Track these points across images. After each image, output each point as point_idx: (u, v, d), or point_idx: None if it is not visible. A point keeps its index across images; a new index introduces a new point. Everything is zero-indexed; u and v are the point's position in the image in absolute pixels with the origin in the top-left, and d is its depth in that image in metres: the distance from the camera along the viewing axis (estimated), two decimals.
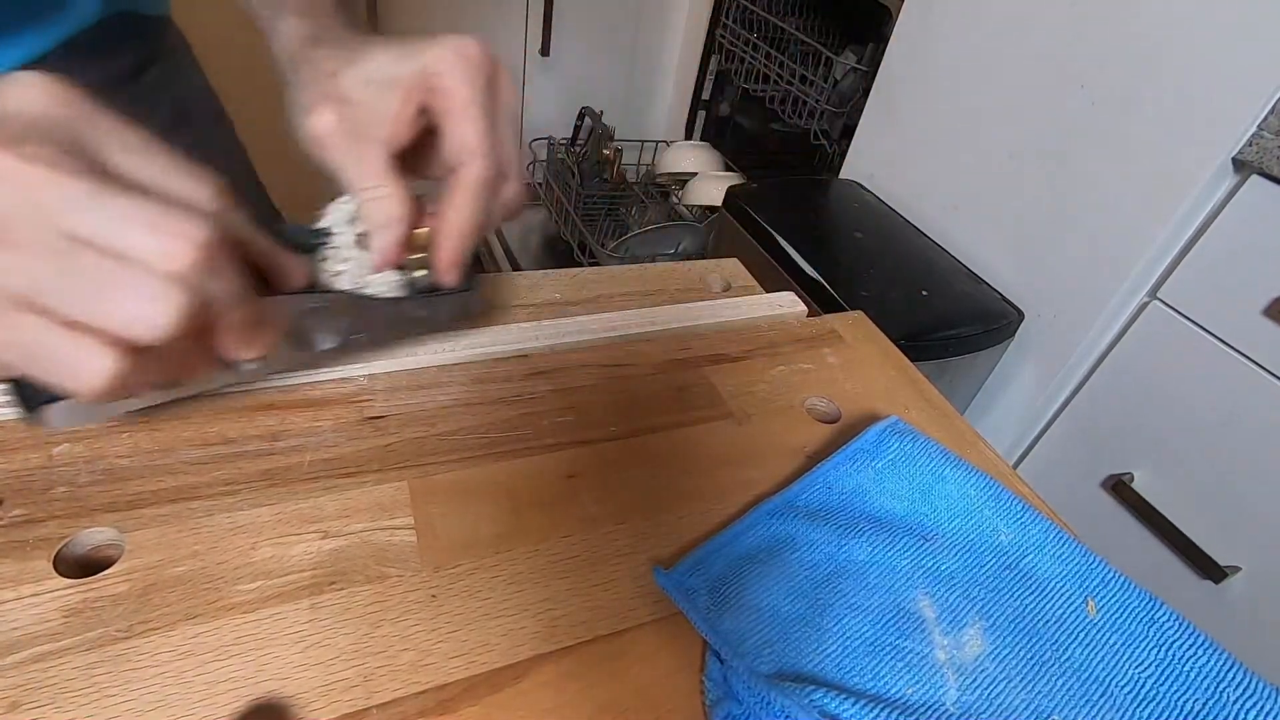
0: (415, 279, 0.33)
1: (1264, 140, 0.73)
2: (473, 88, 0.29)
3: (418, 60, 0.29)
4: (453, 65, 0.29)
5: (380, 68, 0.30)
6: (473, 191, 0.30)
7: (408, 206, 0.30)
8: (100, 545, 0.29)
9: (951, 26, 1.06)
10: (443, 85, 0.29)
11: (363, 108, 0.30)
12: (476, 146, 0.30)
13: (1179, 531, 0.84)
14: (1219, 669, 0.29)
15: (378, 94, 0.30)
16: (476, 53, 0.30)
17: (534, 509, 0.33)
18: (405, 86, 0.29)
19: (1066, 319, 0.96)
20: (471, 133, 0.29)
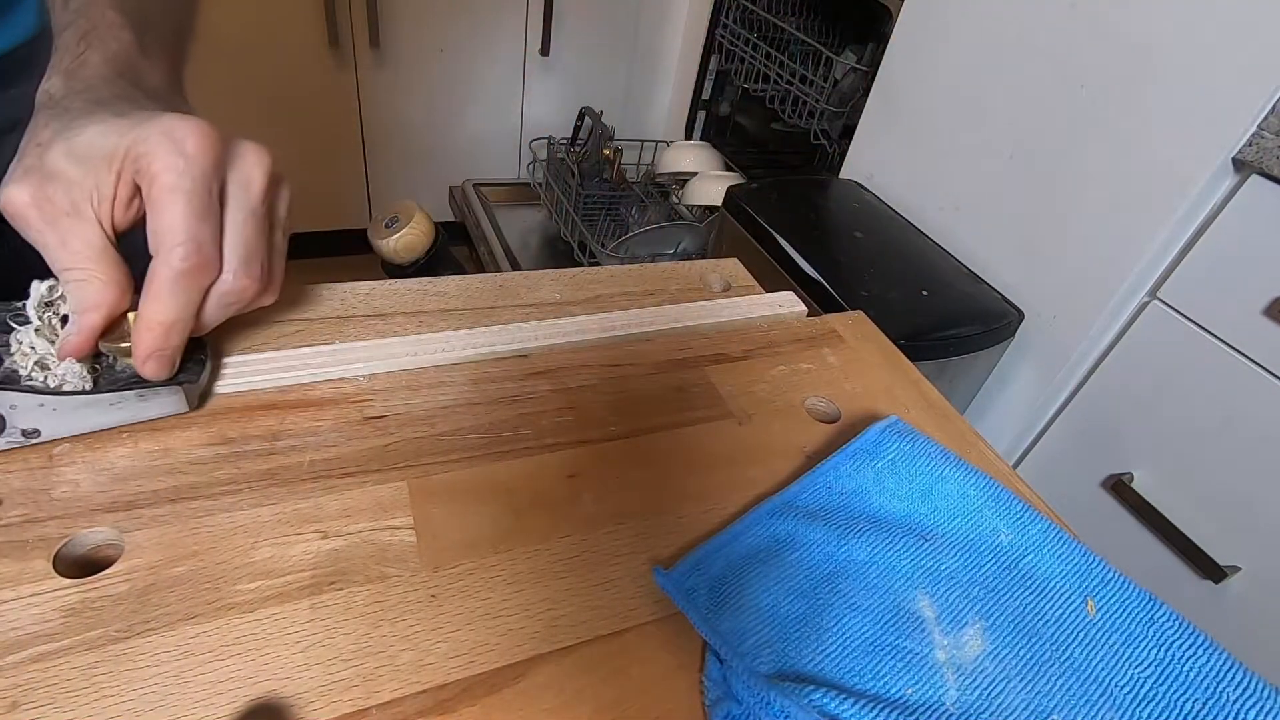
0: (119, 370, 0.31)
1: (1264, 140, 0.73)
2: (176, 173, 0.28)
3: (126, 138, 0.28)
4: (156, 147, 0.28)
5: (89, 142, 0.28)
6: (165, 280, 0.28)
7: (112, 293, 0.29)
8: (100, 545, 0.29)
9: (951, 26, 1.06)
10: (146, 168, 0.28)
11: (69, 183, 0.28)
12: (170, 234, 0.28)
13: (1179, 531, 0.84)
14: (1218, 669, 0.29)
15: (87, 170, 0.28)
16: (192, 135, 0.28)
17: (534, 509, 0.33)
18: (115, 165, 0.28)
19: (1066, 319, 0.96)
20: (167, 219, 0.28)
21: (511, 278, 0.48)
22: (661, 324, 0.45)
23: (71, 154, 0.28)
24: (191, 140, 0.28)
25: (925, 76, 1.11)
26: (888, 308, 0.94)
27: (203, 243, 0.29)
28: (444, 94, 1.86)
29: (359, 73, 1.74)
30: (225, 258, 0.30)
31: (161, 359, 0.30)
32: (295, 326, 0.40)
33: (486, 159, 2.02)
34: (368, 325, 0.41)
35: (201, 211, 0.28)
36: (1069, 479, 0.98)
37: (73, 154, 0.28)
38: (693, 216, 1.66)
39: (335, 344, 0.39)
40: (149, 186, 0.28)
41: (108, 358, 0.31)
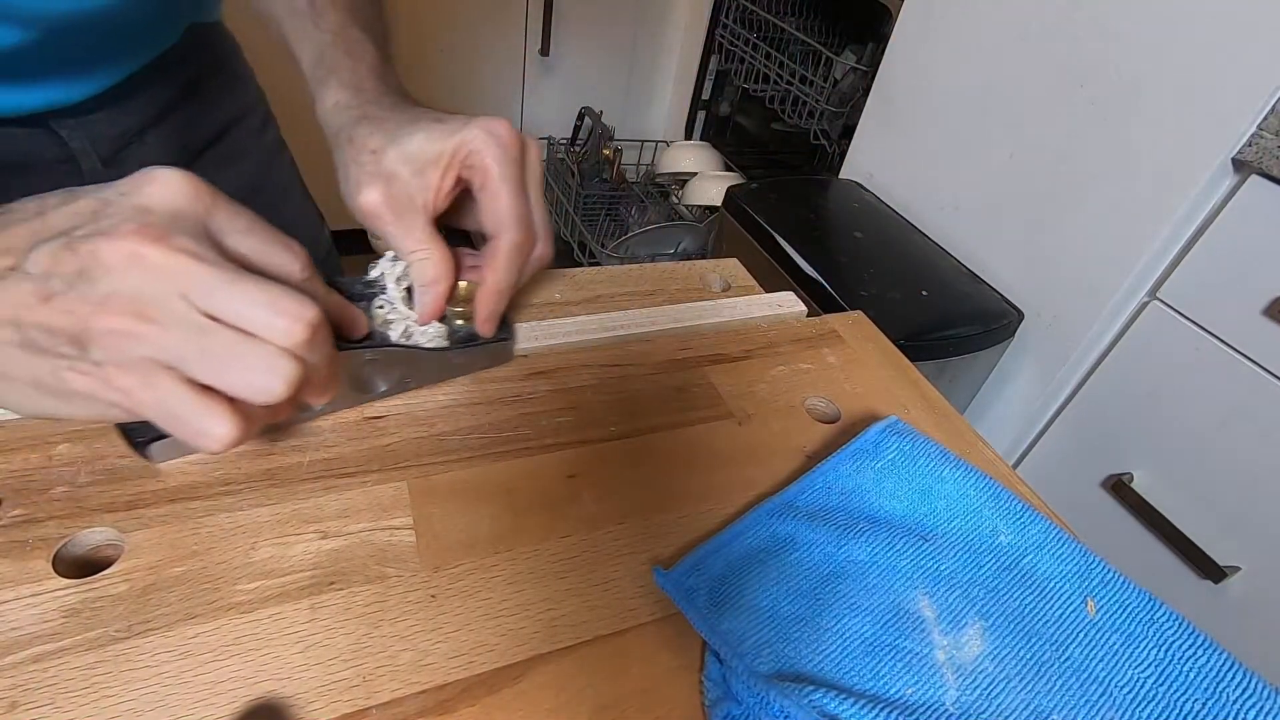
0: (456, 329, 0.37)
1: (1264, 140, 0.73)
2: (502, 164, 0.33)
3: (453, 140, 0.33)
4: (484, 144, 0.33)
5: (419, 146, 0.33)
6: (507, 257, 0.35)
7: (448, 267, 0.34)
8: (99, 545, 0.29)
9: (951, 26, 1.06)
10: (477, 163, 0.33)
11: (405, 182, 0.33)
12: (509, 217, 0.34)
13: (1179, 531, 0.84)
14: (1218, 669, 0.29)
15: (418, 170, 0.34)
16: (505, 131, 0.34)
17: (534, 509, 0.33)
18: (443, 164, 0.33)
19: (1066, 319, 0.96)
20: (504, 206, 0.34)
21: None
22: (661, 324, 0.45)
23: (405, 158, 0.33)
24: (508, 137, 0.34)
25: (925, 76, 1.11)
26: (888, 308, 0.94)
27: (530, 222, 0.35)
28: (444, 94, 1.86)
29: None
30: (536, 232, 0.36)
31: (496, 319, 0.37)
32: None
33: None
34: None
35: (522, 196, 0.34)
36: (1069, 479, 0.98)
37: (406, 157, 0.33)
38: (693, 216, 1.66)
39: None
40: (484, 178, 0.33)
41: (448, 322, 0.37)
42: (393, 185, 0.33)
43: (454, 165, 0.34)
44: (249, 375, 0.23)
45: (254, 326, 0.23)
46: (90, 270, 0.22)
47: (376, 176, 0.33)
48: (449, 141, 0.33)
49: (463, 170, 0.34)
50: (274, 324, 0.23)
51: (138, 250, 0.22)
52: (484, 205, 0.34)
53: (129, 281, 0.22)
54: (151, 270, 0.22)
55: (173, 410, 0.23)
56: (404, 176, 0.33)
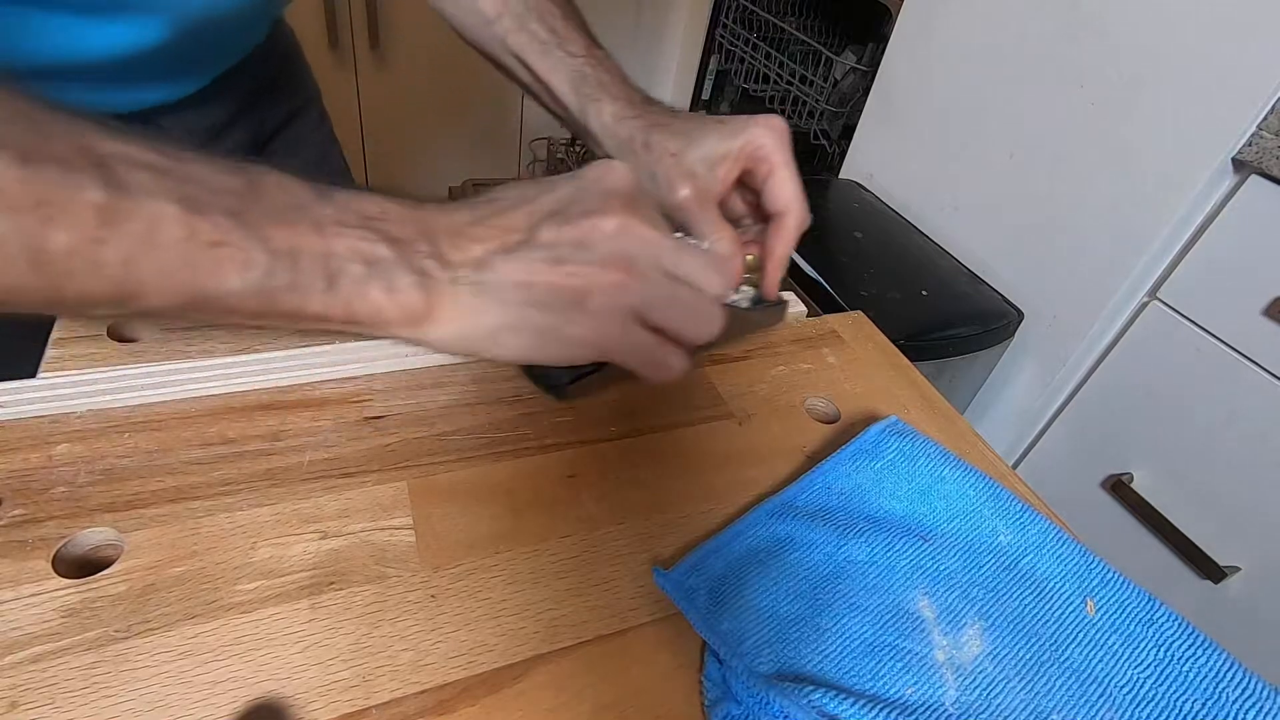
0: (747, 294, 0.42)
1: (1264, 140, 0.73)
2: (785, 154, 0.39)
3: (739, 139, 0.39)
4: (769, 139, 0.38)
5: (713, 146, 0.39)
6: (793, 232, 0.39)
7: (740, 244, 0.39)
8: (99, 545, 0.29)
9: (951, 26, 1.06)
10: (765, 156, 0.39)
11: (702, 178, 0.39)
12: (794, 200, 0.39)
13: (1179, 531, 0.84)
14: (1218, 669, 0.29)
15: (710, 166, 0.39)
16: (782, 126, 0.39)
17: (534, 509, 0.33)
18: (733, 159, 0.39)
19: (1066, 319, 0.96)
20: (790, 190, 0.39)
21: None
22: None
23: (702, 158, 0.39)
24: (784, 132, 0.39)
25: (925, 76, 1.11)
26: (888, 308, 0.94)
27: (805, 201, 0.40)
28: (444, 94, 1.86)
29: (359, 73, 1.73)
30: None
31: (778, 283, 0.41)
32: None
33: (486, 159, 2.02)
34: None
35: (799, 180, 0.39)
36: (1069, 479, 0.98)
37: (703, 158, 0.39)
38: None
39: (335, 344, 0.39)
40: (771, 168, 0.39)
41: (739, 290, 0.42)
42: (696, 182, 0.38)
43: (741, 160, 0.39)
44: (699, 321, 0.29)
45: (701, 283, 0.29)
46: (589, 239, 0.27)
47: (684, 176, 0.38)
48: (736, 141, 0.39)
49: (748, 163, 0.39)
50: (713, 281, 0.29)
51: (625, 222, 0.27)
52: (771, 190, 0.39)
53: (621, 246, 0.27)
54: (637, 237, 0.27)
55: (646, 349, 0.29)
56: (701, 173, 0.39)
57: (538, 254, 0.27)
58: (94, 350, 0.36)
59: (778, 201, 0.39)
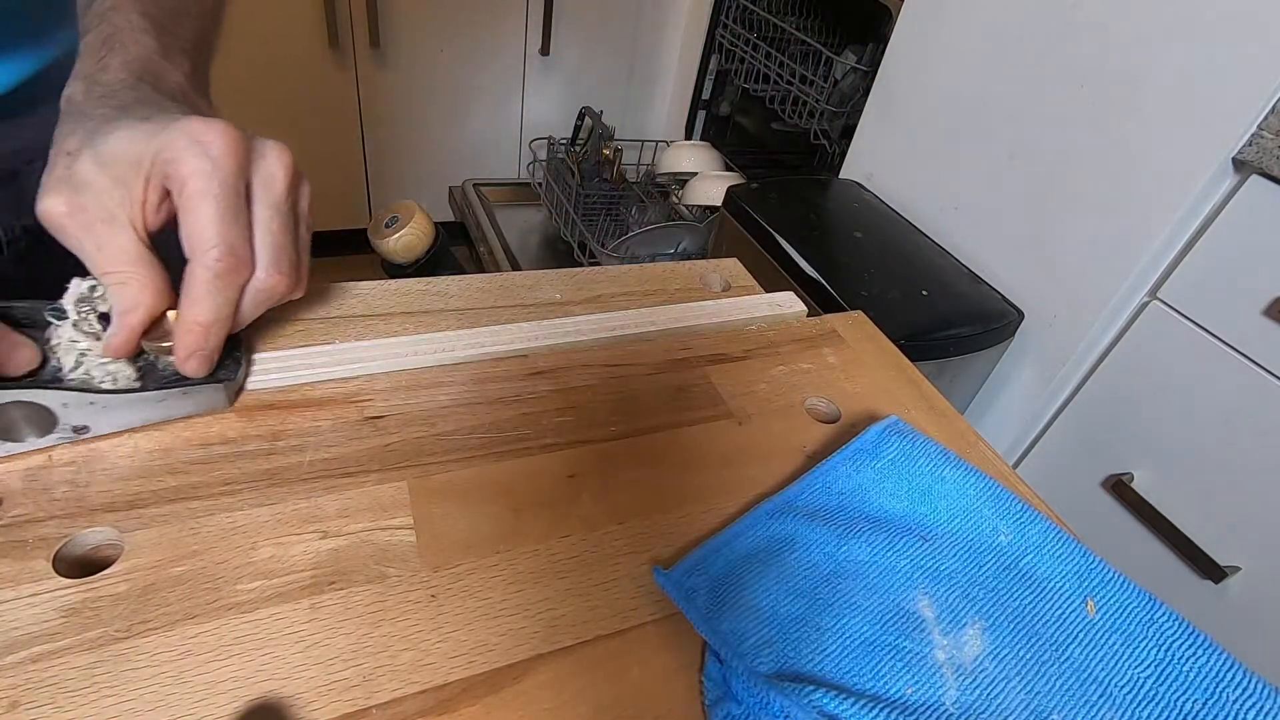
0: (162, 367, 0.32)
1: (1264, 140, 0.73)
2: (205, 176, 0.28)
3: (153, 144, 0.29)
4: (183, 151, 0.28)
5: (115, 149, 0.29)
6: (202, 285, 0.29)
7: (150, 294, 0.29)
8: (99, 545, 0.29)
9: (951, 26, 1.06)
10: (174, 173, 0.28)
11: (101, 191, 0.29)
12: (203, 238, 0.29)
13: (1179, 531, 0.84)
14: (1218, 669, 0.29)
15: (118, 178, 0.29)
16: (216, 137, 0.29)
17: (534, 509, 0.33)
18: (142, 172, 0.29)
19: (1066, 319, 0.96)
20: (200, 223, 0.29)
21: (511, 278, 0.48)
22: (661, 324, 0.45)
23: (100, 162, 0.29)
24: (217, 143, 0.29)
25: (925, 76, 1.11)
26: (888, 308, 0.94)
27: (235, 244, 0.30)
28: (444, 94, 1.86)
29: (359, 73, 1.74)
30: (256, 256, 0.31)
31: (202, 358, 0.31)
32: (295, 326, 0.40)
33: (486, 159, 2.02)
34: (368, 325, 0.41)
35: (232, 213, 0.29)
36: (1069, 479, 0.98)
37: (101, 162, 0.29)
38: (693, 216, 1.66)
39: (335, 344, 0.39)
40: (179, 192, 0.29)
41: (150, 356, 0.32)
42: (83, 194, 0.28)
43: (155, 174, 0.29)
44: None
45: None
46: None
47: (63, 183, 0.28)
48: (149, 145, 0.29)
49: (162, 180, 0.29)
50: None
51: None
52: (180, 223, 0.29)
53: None
54: None
55: None
56: (100, 184, 0.29)
57: None
58: None
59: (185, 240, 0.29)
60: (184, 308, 0.30)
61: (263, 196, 0.31)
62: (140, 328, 0.30)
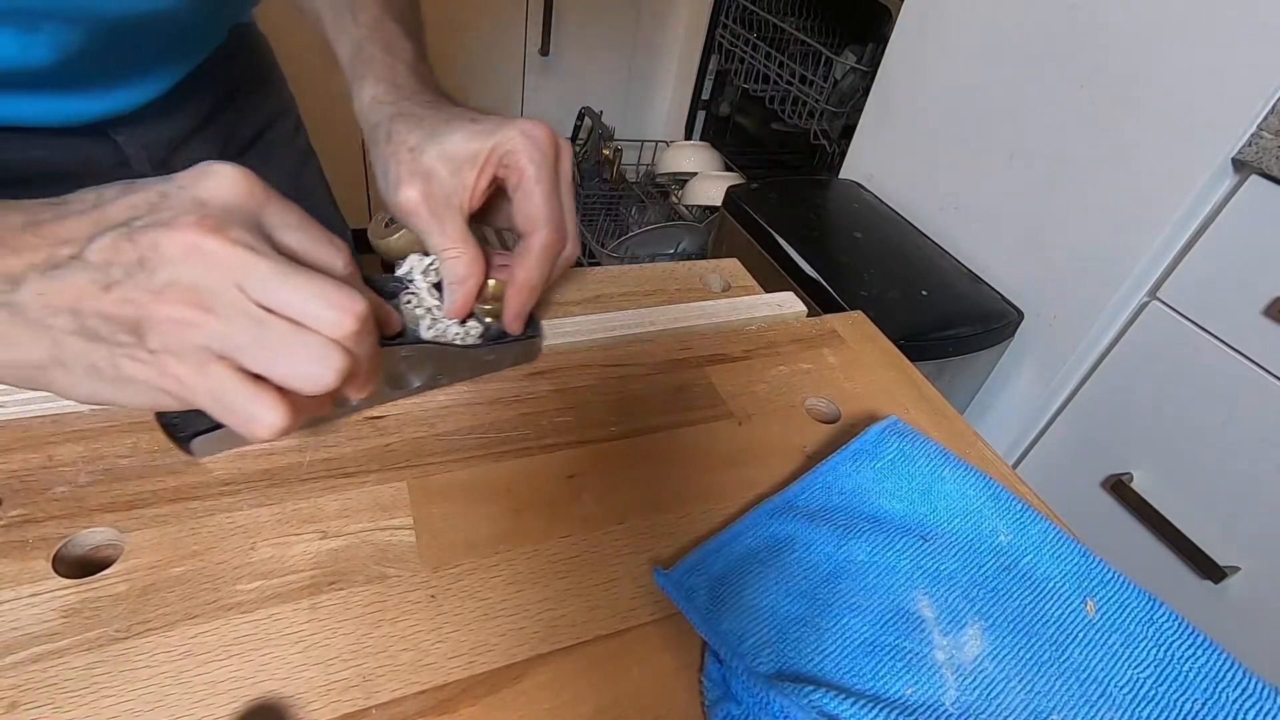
0: (487, 326, 0.38)
1: (1264, 140, 0.73)
2: (538, 165, 0.34)
3: (490, 140, 0.34)
4: (521, 145, 0.34)
5: (457, 146, 0.34)
6: (538, 255, 0.35)
7: (479, 265, 0.35)
8: (99, 545, 0.29)
9: (951, 26, 1.06)
10: (514, 163, 0.34)
11: (442, 180, 0.34)
12: (542, 217, 0.35)
13: (1179, 531, 0.84)
14: (1218, 669, 0.29)
15: (455, 169, 0.34)
16: (541, 133, 0.35)
17: (534, 509, 0.33)
18: (479, 163, 0.34)
19: (1066, 319, 0.96)
20: (538, 205, 0.34)
21: None
22: (661, 324, 0.45)
23: (444, 156, 0.34)
24: (545, 139, 0.35)
25: (925, 76, 1.11)
26: (888, 308, 0.94)
27: (560, 222, 0.36)
28: None
29: None
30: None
31: (524, 316, 0.38)
32: None
33: None
34: None
35: (556, 197, 0.35)
36: (1069, 479, 0.98)
37: (445, 156, 0.34)
38: (693, 216, 1.66)
39: None
40: (517, 179, 0.34)
41: (479, 318, 0.37)
42: (430, 183, 0.34)
43: (490, 165, 0.34)
44: (300, 365, 0.23)
45: (306, 318, 0.24)
46: (149, 260, 0.22)
47: (415, 174, 0.34)
48: (486, 141, 0.34)
49: (499, 170, 0.35)
50: (324, 316, 0.24)
51: (196, 242, 0.22)
52: (518, 204, 0.35)
53: (187, 272, 0.22)
54: (209, 261, 0.23)
55: (224, 398, 0.23)
56: (441, 175, 0.34)
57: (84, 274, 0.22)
58: None
59: (522, 219, 0.35)
60: (518, 273, 0.36)
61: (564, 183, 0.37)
62: (474, 293, 0.35)
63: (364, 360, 0.26)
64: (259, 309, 0.23)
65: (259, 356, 0.23)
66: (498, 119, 0.35)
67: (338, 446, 0.34)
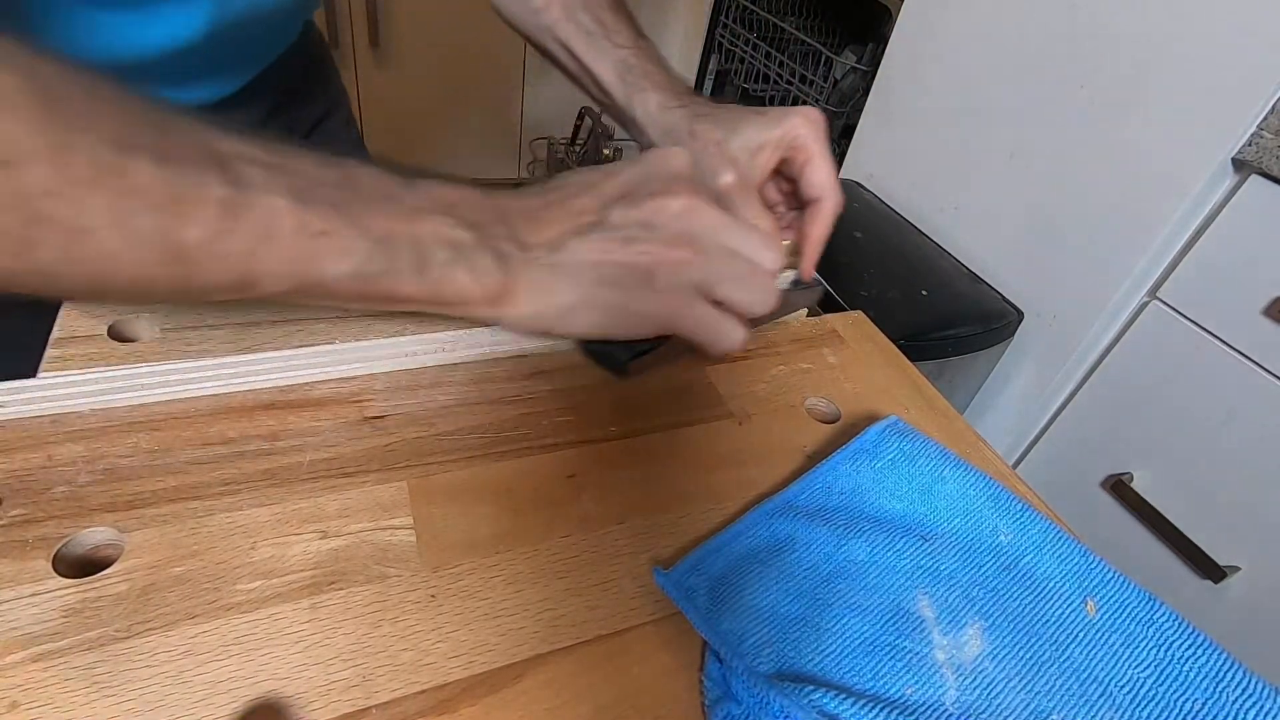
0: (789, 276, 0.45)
1: (1264, 140, 0.73)
2: (821, 144, 0.42)
3: (779, 129, 0.41)
4: (807, 129, 0.41)
5: (754, 135, 0.41)
6: (829, 216, 0.42)
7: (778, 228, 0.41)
8: (99, 545, 0.29)
9: (952, 27, 1.06)
10: (804, 144, 0.41)
11: (744, 165, 0.41)
12: (829, 186, 0.42)
13: (1179, 531, 0.84)
14: (1218, 669, 0.29)
15: (752, 154, 0.42)
16: (819, 117, 0.42)
17: (534, 509, 0.33)
18: (773, 147, 0.42)
19: (1066, 319, 0.96)
20: (826, 176, 0.42)
21: None
22: None
23: (744, 146, 0.41)
24: (822, 122, 0.42)
25: (925, 76, 1.11)
26: (888, 308, 0.94)
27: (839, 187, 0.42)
28: (444, 94, 1.86)
29: (359, 73, 1.74)
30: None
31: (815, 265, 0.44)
32: (295, 326, 0.40)
33: (486, 159, 2.02)
34: (368, 325, 0.41)
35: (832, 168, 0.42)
36: (1069, 479, 0.98)
37: (745, 146, 0.41)
38: None
39: (335, 344, 0.39)
40: (807, 157, 0.42)
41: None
42: (738, 168, 0.40)
43: (780, 148, 0.41)
44: (758, 293, 0.30)
45: (758, 258, 0.30)
46: (655, 220, 0.29)
47: (727, 163, 0.40)
48: (775, 130, 0.41)
49: (786, 151, 0.42)
50: (769, 256, 0.31)
51: (692, 203, 0.29)
52: (808, 177, 0.42)
53: (686, 225, 0.29)
54: (701, 217, 0.29)
55: (710, 322, 0.30)
56: (744, 160, 0.41)
57: (609, 234, 0.29)
58: (94, 350, 0.36)
59: (814, 188, 0.42)
60: (814, 231, 0.42)
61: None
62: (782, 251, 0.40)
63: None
64: (730, 252, 0.30)
65: (732, 288, 0.30)
66: (779, 111, 0.42)
67: (338, 446, 0.34)
